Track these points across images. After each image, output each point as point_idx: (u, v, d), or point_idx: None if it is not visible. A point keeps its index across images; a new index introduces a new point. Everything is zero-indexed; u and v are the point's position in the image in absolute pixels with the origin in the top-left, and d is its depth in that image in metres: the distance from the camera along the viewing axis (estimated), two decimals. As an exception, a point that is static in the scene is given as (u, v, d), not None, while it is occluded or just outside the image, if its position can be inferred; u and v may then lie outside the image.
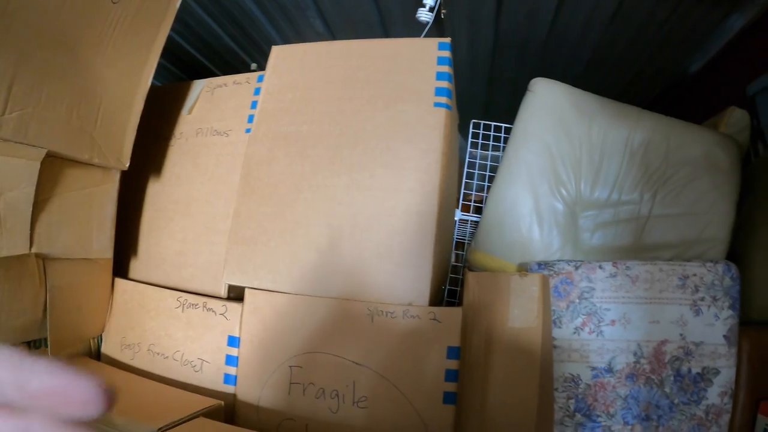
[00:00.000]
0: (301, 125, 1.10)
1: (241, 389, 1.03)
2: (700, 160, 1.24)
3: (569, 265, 1.12)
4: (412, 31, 1.57)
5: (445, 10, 1.56)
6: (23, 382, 0.25)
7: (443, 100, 1.03)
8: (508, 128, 1.43)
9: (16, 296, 0.95)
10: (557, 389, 1.08)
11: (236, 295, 1.11)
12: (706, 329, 1.08)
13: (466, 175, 1.58)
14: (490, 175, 1.53)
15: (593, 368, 1.08)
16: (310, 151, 1.07)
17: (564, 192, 1.27)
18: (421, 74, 1.06)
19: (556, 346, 1.09)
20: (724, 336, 1.08)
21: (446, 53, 1.07)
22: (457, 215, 1.56)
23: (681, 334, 1.08)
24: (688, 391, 1.07)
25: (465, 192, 1.57)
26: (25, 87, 0.87)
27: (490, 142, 1.57)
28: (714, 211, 1.21)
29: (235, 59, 2.18)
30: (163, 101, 1.34)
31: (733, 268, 1.10)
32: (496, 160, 1.48)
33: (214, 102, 1.29)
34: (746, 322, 1.14)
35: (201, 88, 1.32)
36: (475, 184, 1.58)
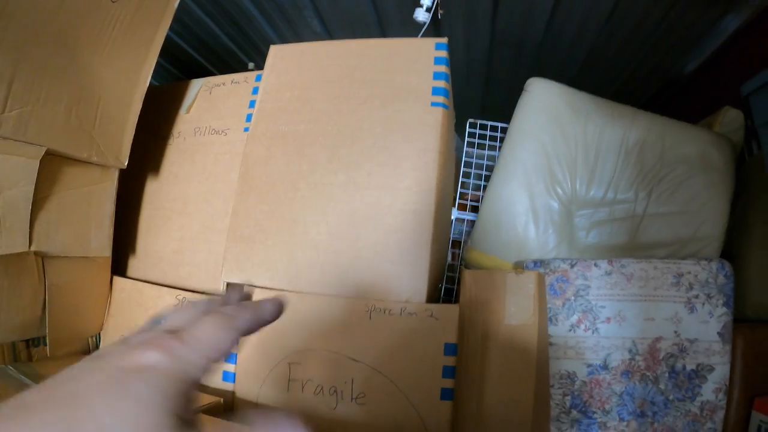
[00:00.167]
0: (299, 124, 1.10)
1: (240, 386, 1.04)
2: (694, 159, 1.24)
3: (565, 263, 1.13)
4: (410, 30, 1.57)
5: (442, 11, 1.57)
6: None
7: (440, 99, 1.04)
8: (505, 127, 1.44)
9: (15, 294, 0.95)
10: (553, 386, 1.09)
11: (234, 293, 1.12)
12: (701, 326, 1.09)
13: (463, 174, 1.58)
14: (486, 174, 1.54)
15: (589, 365, 1.09)
16: (307, 150, 1.08)
17: (559, 191, 1.28)
18: (418, 74, 1.07)
19: (552, 343, 1.09)
20: (719, 333, 1.08)
21: (443, 53, 1.07)
22: (454, 214, 1.57)
23: (675, 332, 1.08)
24: (683, 387, 1.08)
25: (462, 191, 1.57)
26: (24, 85, 0.88)
27: (486, 142, 1.58)
28: (708, 210, 1.22)
29: (233, 59, 2.19)
30: (162, 100, 1.34)
31: (727, 266, 1.11)
32: (493, 159, 1.49)
33: (212, 101, 1.29)
34: (741, 320, 1.15)
35: (199, 87, 1.33)
36: (471, 183, 1.58)
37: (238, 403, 1.03)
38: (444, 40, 1.08)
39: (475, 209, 1.47)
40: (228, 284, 1.09)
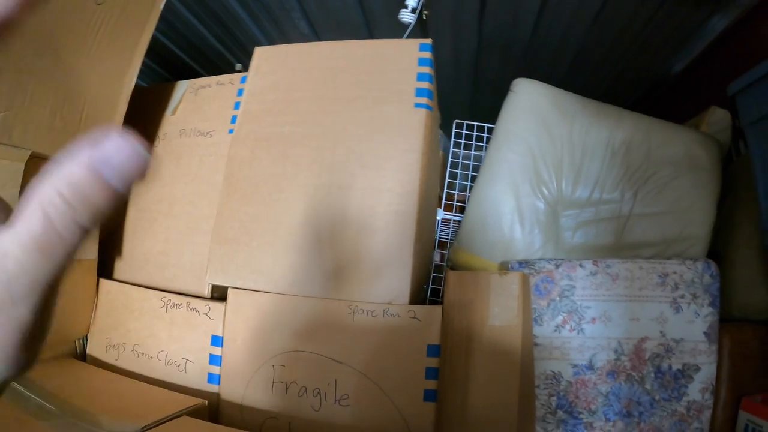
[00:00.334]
0: (284, 126, 1.10)
1: (225, 388, 1.04)
2: (681, 159, 1.25)
3: (550, 264, 1.13)
4: (397, 32, 1.57)
5: (427, 12, 1.57)
6: None
7: (424, 100, 1.04)
8: (491, 128, 1.44)
9: None
10: (539, 386, 1.09)
11: (219, 294, 1.11)
12: (686, 326, 1.09)
13: (449, 174, 1.59)
14: (473, 174, 1.54)
15: (574, 365, 1.09)
16: (291, 152, 1.08)
17: (545, 191, 1.28)
18: (402, 75, 1.07)
19: (537, 344, 1.10)
20: (705, 333, 1.09)
21: (427, 54, 1.07)
22: (440, 215, 1.57)
23: (661, 331, 1.09)
24: (669, 387, 1.08)
25: (448, 192, 1.58)
26: (8, 88, 0.88)
27: (473, 142, 1.58)
28: (694, 210, 1.23)
29: (220, 59, 2.18)
30: (147, 102, 1.34)
31: (713, 266, 1.12)
32: (479, 159, 1.49)
33: (197, 103, 1.29)
34: (727, 319, 1.16)
35: (185, 88, 1.33)
36: (458, 184, 1.58)
37: (223, 405, 1.03)
38: (428, 41, 1.08)
39: (462, 210, 1.48)
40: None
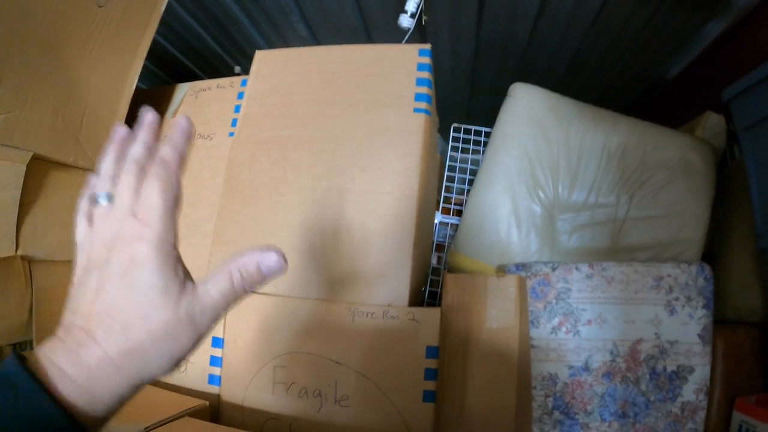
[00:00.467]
0: (284, 129, 1.11)
1: (226, 389, 1.04)
2: (676, 163, 1.26)
3: (546, 267, 1.14)
4: (396, 36, 1.58)
5: (426, 17, 1.58)
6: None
7: (423, 105, 1.05)
8: (489, 132, 1.45)
9: (1, 298, 0.95)
10: (535, 388, 1.10)
11: (220, 296, 1.12)
12: (681, 328, 1.10)
13: (447, 178, 1.59)
14: (470, 178, 1.55)
15: (570, 367, 1.10)
16: (291, 155, 1.09)
17: (542, 195, 1.29)
18: (401, 80, 1.08)
19: (534, 346, 1.11)
20: (699, 335, 1.10)
21: (426, 59, 1.08)
22: (438, 218, 1.58)
23: (656, 333, 1.10)
24: (664, 388, 1.09)
25: (446, 195, 1.59)
26: (10, 90, 0.88)
27: (470, 146, 1.59)
28: (689, 214, 1.24)
29: (220, 62, 2.19)
30: (148, 104, 1.33)
31: (707, 269, 1.13)
32: (477, 163, 1.50)
33: (198, 106, 1.30)
34: (722, 321, 1.17)
35: (185, 91, 1.33)
36: (455, 187, 1.59)
37: (224, 406, 1.04)
38: (427, 47, 1.09)
39: (460, 213, 1.48)
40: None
